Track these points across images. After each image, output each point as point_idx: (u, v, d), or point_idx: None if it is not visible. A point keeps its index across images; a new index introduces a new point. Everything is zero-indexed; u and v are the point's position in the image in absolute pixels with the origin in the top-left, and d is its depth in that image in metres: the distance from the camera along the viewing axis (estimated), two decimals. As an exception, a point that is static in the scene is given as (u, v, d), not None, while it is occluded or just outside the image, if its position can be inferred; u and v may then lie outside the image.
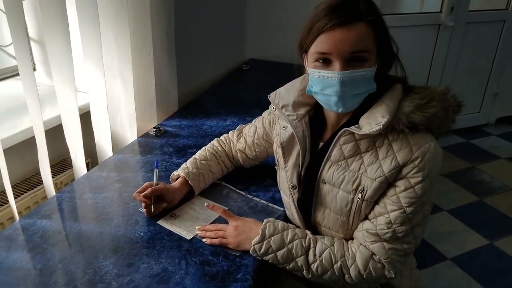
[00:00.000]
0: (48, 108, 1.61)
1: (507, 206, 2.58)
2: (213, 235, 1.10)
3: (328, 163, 1.02)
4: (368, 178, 0.97)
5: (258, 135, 1.30)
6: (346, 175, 1.00)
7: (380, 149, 0.97)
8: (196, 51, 2.08)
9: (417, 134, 0.95)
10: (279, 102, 1.11)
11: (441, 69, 3.17)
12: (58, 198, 1.27)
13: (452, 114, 0.98)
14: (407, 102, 0.95)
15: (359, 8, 0.91)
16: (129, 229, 1.14)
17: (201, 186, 1.28)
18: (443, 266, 2.12)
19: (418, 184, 0.94)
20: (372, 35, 0.92)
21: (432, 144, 0.94)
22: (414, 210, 0.95)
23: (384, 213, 0.97)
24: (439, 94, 0.97)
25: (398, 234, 0.96)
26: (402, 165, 0.94)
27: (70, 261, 1.02)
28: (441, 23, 2.97)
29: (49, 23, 1.32)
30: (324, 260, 1.00)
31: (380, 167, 0.96)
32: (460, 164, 3.02)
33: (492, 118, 3.60)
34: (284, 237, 1.03)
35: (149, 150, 1.56)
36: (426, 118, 0.93)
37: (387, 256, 0.97)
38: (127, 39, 1.54)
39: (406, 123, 0.93)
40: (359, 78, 0.92)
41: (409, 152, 0.93)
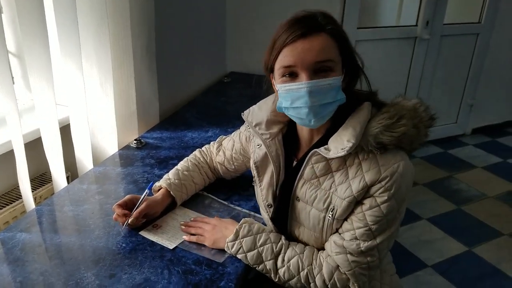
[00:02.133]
0: (27, 122, 1.60)
1: (484, 213, 2.64)
2: (193, 231, 1.15)
3: (301, 181, 1.03)
4: (338, 198, 0.98)
5: (236, 150, 1.30)
6: (318, 193, 1.01)
7: (350, 168, 0.97)
8: (177, 64, 2.09)
9: (386, 153, 0.95)
10: (253, 121, 1.11)
11: (418, 81, 3.25)
12: (38, 211, 1.25)
13: (424, 129, 0.98)
14: (375, 122, 0.94)
15: (317, 21, 0.93)
16: (110, 240, 1.13)
17: (183, 197, 1.28)
18: (423, 274, 2.15)
19: (384, 203, 0.94)
20: (335, 45, 0.93)
21: (402, 164, 0.94)
22: (379, 228, 0.96)
23: (350, 230, 0.98)
24: (409, 110, 0.96)
25: (362, 249, 0.97)
26: (370, 185, 0.94)
27: (51, 273, 1.01)
28: (417, 36, 3.07)
29: (28, 36, 1.32)
30: (292, 267, 1.02)
31: (350, 187, 0.96)
32: (438, 174, 3.08)
33: (468, 129, 3.70)
34: (256, 240, 1.06)
35: (130, 162, 1.56)
36: (395, 138, 0.93)
37: (350, 268, 0.98)
38: (108, 52, 1.55)
39: (374, 145, 0.93)
40: (327, 87, 0.92)
41: (377, 172, 0.94)
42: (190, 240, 1.14)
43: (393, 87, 3.19)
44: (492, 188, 2.92)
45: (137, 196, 1.20)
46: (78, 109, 1.56)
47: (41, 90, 1.39)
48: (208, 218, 1.22)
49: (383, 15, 3.44)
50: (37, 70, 1.37)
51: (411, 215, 2.59)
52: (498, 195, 2.84)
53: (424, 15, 3.00)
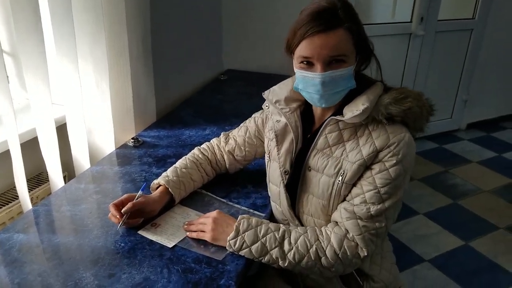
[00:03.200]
0: (23, 121, 1.59)
1: (480, 207, 2.66)
2: (194, 228, 1.15)
3: (314, 151, 1.10)
4: (348, 162, 1.05)
5: (250, 133, 1.35)
6: (329, 161, 1.08)
7: (361, 138, 1.05)
8: (173, 62, 2.08)
9: (394, 125, 1.03)
10: (273, 98, 1.18)
11: (413, 77, 3.26)
12: (35, 212, 1.24)
13: (426, 113, 1.05)
14: (386, 96, 1.04)
15: (338, 15, 0.98)
16: (109, 240, 1.13)
17: (181, 194, 1.27)
18: (421, 268, 2.16)
19: (392, 167, 1.01)
20: (350, 39, 1.00)
21: (407, 135, 1.03)
22: (387, 191, 1.02)
23: (360, 194, 1.04)
24: (415, 93, 1.05)
25: (371, 212, 1.03)
26: (379, 149, 1.02)
27: (50, 274, 1.01)
28: (412, 32, 3.07)
29: (23, 34, 1.31)
30: (300, 246, 1.04)
31: (360, 152, 1.04)
32: (434, 169, 3.10)
33: (463, 124, 3.72)
34: (257, 231, 1.07)
35: (128, 161, 1.55)
36: (402, 110, 1.01)
37: (360, 233, 1.03)
38: (103, 50, 1.54)
39: (385, 114, 1.01)
40: (339, 77, 1.01)
41: (386, 138, 1.02)
42: (191, 236, 1.14)
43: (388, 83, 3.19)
44: (487, 182, 2.94)
45: (134, 194, 1.20)
46: (74, 108, 1.55)
47: (36, 89, 1.38)
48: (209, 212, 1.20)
49: (378, 11, 3.44)
50: (33, 69, 1.36)
51: (407, 210, 2.60)
52: (493, 189, 2.86)
53: (418, 11, 3.01)
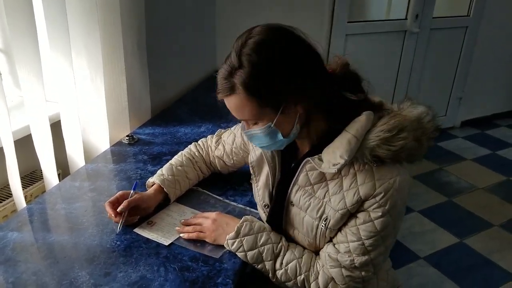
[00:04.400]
0: (16, 118, 1.57)
1: (474, 205, 2.67)
2: (191, 229, 1.12)
3: (295, 187, 1.02)
4: (331, 208, 0.96)
5: (236, 144, 1.29)
6: (311, 201, 1.00)
7: (345, 178, 0.95)
8: (167, 59, 2.07)
9: (382, 166, 0.92)
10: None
11: (408, 74, 3.27)
12: (29, 210, 1.23)
13: (426, 142, 0.94)
14: (373, 135, 0.91)
15: (230, 80, 0.88)
16: (104, 238, 1.11)
17: (177, 193, 1.26)
18: (416, 265, 2.17)
19: (378, 219, 0.92)
20: (252, 103, 0.88)
21: (398, 179, 0.91)
22: (373, 243, 0.94)
23: (344, 242, 0.97)
24: (412, 121, 0.93)
25: (355, 264, 0.96)
26: (364, 199, 0.92)
27: (45, 273, 0.99)
28: (407, 29, 3.08)
29: (17, 31, 1.29)
30: (289, 270, 1.02)
31: (343, 199, 0.94)
32: (428, 166, 3.11)
33: (457, 121, 3.74)
34: (257, 239, 1.04)
35: (123, 158, 1.54)
36: (392, 152, 0.89)
37: (344, 283, 0.98)
38: (98, 46, 1.52)
39: (370, 158, 0.90)
40: (260, 134, 0.95)
41: (372, 187, 0.91)
42: (190, 237, 1.11)
43: (383, 81, 3.20)
44: (482, 179, 2.96)
45: (128, 191, 1.18)
46: (68, 105, 1.53)
47: (30, 86, 1.37)
48: (207, 212, 1.19)
49: (373, 8, 3.45)
50: (26, 66, 1.34)
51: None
52: (488, 187, 2.88)
53: (413, 8, 3.01)
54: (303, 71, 0.89)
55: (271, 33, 0.89)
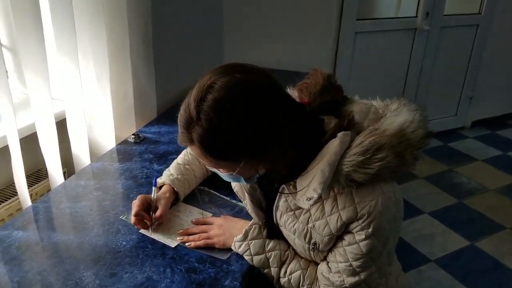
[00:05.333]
0: (22, 116, 1.56)
1: (485, 207, 2.62)
2: (197, 238, 1.08)
3: (278, 212, 0.99)
4: (317, 234, 0.92)
5: None
6: (296, 227, 0.95)
7: (326, 202, 0.90)
8: (174, 57, 2.05)
9: (363, 188, 0.85)
10: None
11: (418, 72, 3.22)
12: (34, 209, 1.21)
13: (411, 156, 0.86)
14: (347, 159, 0.83)
15: (189, 133, 0.82)
16: (110, 238, 1.10)
17: (186, 192, 1.24)
18: (426, 268, 2.13)
19: (363, 241, 0.88)
20: (210, 156, 0.83)
21: (380, 200, 0.85)
22: (361, 265, 0.91)
23: (334, 262, 0.94)
24: (392, 136, 0.84)
25: (346, 285, 0.93)
26: (348, 222, 0.88)
27: (50, 272, 0.98)
28: (417, 27, 3.03)
29: (23, 29, 1.28)
30: (293, 280, 0.99)
31: (327, 225, 0.90)
32: (438, 167, 3.06)
33: (468, 121, 3.68)
34: (265, 244, 1.02)
35: (129, 157, 1.52)
36: (370, 175, 0.82)
37: None
38: (104, 45, 1.51)
39: (345, 185, 0.84)
40: (225, 176, 0.91)
41: (353, 210, 0.86)
42: (198, 246, 1.07)
43: (393, 79, 3.16)
44: (493, 181, 2.91)
45: (146, 196, 1.15)
46: (74, 103, 1.52)
47: (36, 84, 1.35)
48: (211, 218, 1.17)
49: (383, 6, 3.40)
50: (32, 64, 1.33)
51: (412, 209, 2.57)
52: (499, 188, 2.82)
53: (424, 6, 2.96)
54: (264, 130, 0.81)
55: (232, 91, 0.80)
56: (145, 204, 1.12)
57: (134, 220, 1.10)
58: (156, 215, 1.12)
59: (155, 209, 1.13)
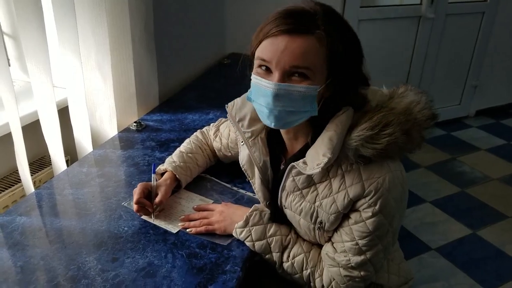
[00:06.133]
0: (24, 104, 1.56)
1: (488, 196, 2.62)
2: (198, 224, 1.09)
3: (284, 192, 0.99)
4: (324, 212, 0.93)
5: (231, 139, 1.24)
6: (303, 206, 0.96)
7: (334, 180, 0.91)
8: (175, 45, 2.04)
9: (370, 165, 0.87)
10: (236, 115, 1.04)
11: (422, 61, 3.19)
12: (37, 195, 1.22)
13: (417, 133, 0.88)
14: (355, 134, 0.85)
15: (313, 19, 0.82)
16: (112, 224, 1.11)
17: (187, 180, 1.25)
18: (427, 256, 2.14)
19: (369, 219, 0.89)
20: (322, 52, 0.82)
21: (387, 177, 0.87)
22: (368, 243, 0.91)
23: (339, 242, 0.95)
24: (399, 114, 0.86)
25: (352, 264, 0.94)
26: (355, 200, 0.89)
27: (52, 257, 0.99)
28: (422, 15, 2.99)
29: (24, 16, 1.27)
30: (296, 264, 1.01)
31: (334, 202, 0.91)
32: (441, 156, 3.05)
33: (472, 110, 3.66)
34: (266, 229, 1.03)
35: (131, 144, 1.53)
36: (377, 150, 0.84)
37: (343, 282, 0.97)
38: (105, 32, 1.50)
39: (354, 159, 0.86)
40: (296, 94, 0.84)
41: (361, 187, 0.87)
42: (198, 232, 1.07)
43: (397, 68, 3.14)
44: (496, 170, 2.90)
45: (147, 183, 1.16)
46: (76, 91, 1.52)
47: (38, 72, 1.35)
48: (212, 204, 1.18)
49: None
50: (34, 52, 1.32)
51: (414, 198, 2.57)
52: (502, 177, 2.81)
53: (429, -7, 2.93)
54: (361, 59, 0.89)
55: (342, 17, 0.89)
56: (145, 191, 1.13)
57: (136, 207, 1.11)
58: (155, 201, 1.12)
59: (155, 196, 1.13)
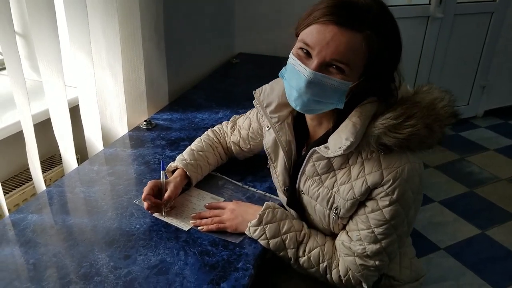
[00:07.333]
0: (35, 103, 1.57)
1: (497, 196, 2.60)
2: (209, 222, 1.09)
3: (303, 176, 1.01)
4: (341, 198, 0.95)
5: (253, 129, 1.26)
6: (321, 191, 0.98)
7: (353, 168, 0.92)
8: (185, 44, 2.05)
9: (390, 155, 0.88)
10: (264, 101, 1.07)
11: (430, 61, 3.18)
12: (48, 193, 1.23)
13: (439, 128, 0.89)
14: (378, 122, 0.87)
15: (366, 17, 0.82)
16: (124, 221, 1.11)
17: (198, 178, 1.25)
18: (436, 256, 2.13)
19: (386, 207, 0.90)
20: (365, 53, 0.83)
21: (406, 167, 0.88)
22: (384, 232, 0.93)
23: (355, 230, 0.97)
24: (423, 108, 0.88)
25: (367, 252, 0.95)
26: (372, 187, 0.90)
27: (65, 255, 0.99)
28: (430, 15, 2.99)
29: (36, 15, 1.28)
30: (312, 258, 1.01)
31: (352, 189, 0.93)
32: (450, 156, 3.04)
33: (480, 111, 3.64)
34: (280, 226, 1.03)
35: (141, 143, 1.53)
36: (399, 140, 0.85)
37: (358, 271, 0.98)
38: (116, 31, 1.51)
39: (375, 147, 0.87)
40: (329, 86, 0.85)
41: (379, 175, 0.89)
42: (210, 230, 1.07)
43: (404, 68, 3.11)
44: (504, 170, 2.88)
45: (157, 180, 1.16)
46: (87, 90, 1.53)
47: (49, 71, 1.36)
48: (223, 202, 1.18)
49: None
50: (45, 51, 1.33)
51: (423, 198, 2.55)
52: (510, 178, 2.80)
53: (437, -7, 2.92)
54: (398, 62, 0.90)
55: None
56: (155, 189, 1.13)
57: (146, 205, 1.11)
58: (164, 197, 1.12)
59: (165, 192, 1.14)
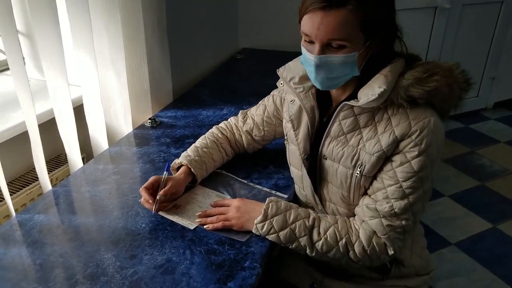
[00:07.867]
0: (39, 103, 1.57)
1: (508, 189, 2.56)
2: (215, 220, 1.08)
3: (328, 139, 1.03)
4: (366, 153, 0.97)
5: (269, 112, 1.29)
6: (345, 150, 1.00)
7: (379, 124, 0.96)
8: (188, 40, 2.03)
9: (417, 108, 0.93)
10: (287, 76, 1.11)
11: (438, 52, 3.13)
12: (54, 193, 1.22)
13: (458, 90, 0.95)
14: (407, 75, 0.93)
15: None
16: (129, 220, 1.10)
17: (203, 175, 1.24)
18: (447, 252, 2.10)
19: (415, 158, 0.92)
20: (356, 22, 0.88)
21: (432, 119, 0.92)
22: (411, 185, 0.94)
23: (381, 188, 0.97)
24: (444, 69, 0.94)
25: (395, 210, 0.95)
26: (400, 139, 0.93)
27: (71, 255, 0.99)
28: (438, 5, 2.94)
29: (38, 14, 1.28)
30: (329, 238, 0.99)
31: (378, 142, 0.95)
32: (460, 149, 3.00)
33: (490, 103, 3.59)
34: (286, 217, 1.02)
35: (146, 141, 1.52)
36: (425, 92, 0.91)
37: (385, 233, 0.97)
38: (118, 29, 1.50)
39: (405, 97, 0.91)
40: (336, 62, 0.92)
41: (407, 126, 0.92)
42: (215, 228, 1.06)
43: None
44: (516, 163, 2.84)
45: (159, 176, 1.15)
46: (90, 89, 1.52)
47: (53, 71, 1.36)
48: (228, 200, 1.17)
49: (402, -15, 3.30)
50: (49, 51, 1.33)
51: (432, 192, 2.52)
52: (522, 170, 2.76)
53: (445, -16, 2.87)
54: (394, 12, 0.95)
55: None
56: (155, 184, 1.13)
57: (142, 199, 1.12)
58: (159, 192, 1.10)
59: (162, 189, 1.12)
